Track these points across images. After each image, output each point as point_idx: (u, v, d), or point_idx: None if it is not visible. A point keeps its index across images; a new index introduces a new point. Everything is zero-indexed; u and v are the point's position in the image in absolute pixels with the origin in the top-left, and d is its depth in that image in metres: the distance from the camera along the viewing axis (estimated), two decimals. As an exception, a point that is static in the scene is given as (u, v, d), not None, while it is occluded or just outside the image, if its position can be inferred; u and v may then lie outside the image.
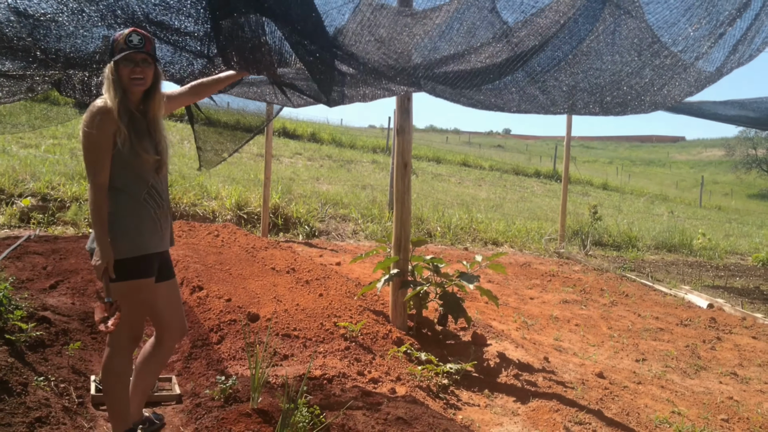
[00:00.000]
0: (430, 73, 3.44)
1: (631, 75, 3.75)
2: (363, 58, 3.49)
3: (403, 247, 5.89)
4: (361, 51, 3.46)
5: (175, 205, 12.02)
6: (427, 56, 3.52)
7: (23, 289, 5.97)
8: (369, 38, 3.39)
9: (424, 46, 3.47)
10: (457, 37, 3.43)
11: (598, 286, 9.79)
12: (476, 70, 3.56)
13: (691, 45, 3.46)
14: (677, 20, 3.42)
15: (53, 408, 3.93)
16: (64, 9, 3.29)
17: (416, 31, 3.47)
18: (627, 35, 3.56)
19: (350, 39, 3.42)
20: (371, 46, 3.45)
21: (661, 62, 3.64)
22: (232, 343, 5.15)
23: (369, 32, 3.37)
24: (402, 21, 3.37)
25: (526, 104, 3.95)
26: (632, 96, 3.86)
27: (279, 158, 22.41)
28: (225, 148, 7.71)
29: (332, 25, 3.45)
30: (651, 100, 3.90)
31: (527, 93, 3.87)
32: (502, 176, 32.83)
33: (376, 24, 3.35)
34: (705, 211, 32.70)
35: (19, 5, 3.35)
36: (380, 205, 15.01)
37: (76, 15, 3.34)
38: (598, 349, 6.59)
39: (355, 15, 3.39)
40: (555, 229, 14.48)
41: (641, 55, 3.60)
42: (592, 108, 3.94)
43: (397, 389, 4.55)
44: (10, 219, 10.36)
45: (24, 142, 16.56)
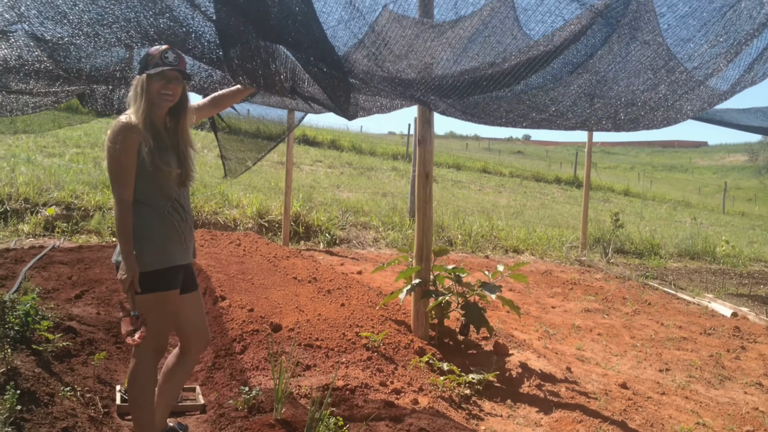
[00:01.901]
0: (446, 87, 3.45)
1: (645, 92, 3.75)
2: (379, 74, 3.51)
3: (425, 257, 5.89)
4: (378, 67, 3.47)
5: (196, 214, 12.11)
6: (446, 70, 3.53)
7: (49, 299, 6.05)
8: (386, 54, 3.41)
9: (446, 60, 3.48)
10: (478, 51, 3.43)
11: (620, 295, 9.73)
12: (489, 82, 3.56)
13: (706, 62, 3.46)
14: (692, 36, 3.42)
15: (79, 418, 3.97)
16: (80, 33, 3.34)
17: (435, 45, 3.49)
18: (643, 52, 3.55)
19: (364, 57, 3.44)
20: (388, 62, 3.47)
21: (676, 78, 3.64)
22: (254, 353, 5.18)
23: (385, 48, 3.38)
24: (422, 35, 3.39)
25: (539, 120, 3.95)
26: (645, 112, 3.86)
27: (299, 166, 22.50)
28: (248, 157, 7.78)
29: (346, 44, 3.47)
30: (663, 116, 3.90)
31: (541, 109, 3.87)
32: (523, 183, 32.73)
33: (393, 39, 3.36)
34: (728, 217, 32.38)
35: (36, 31, 3.41)
36: (401, 212, 15.02)
37: (92, 38, 3.39)
38: (621, 359, 6.54)
39: (368, 34, 3.41)
40: (576, 236, 14.40)
41: (657, 73, 3.60)
42: (604, 124, 3.94)
43: (419, 400, 4.55)
44: (35, 228, 10.49)
45: (48, 151, 16.77)
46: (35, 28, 3.34)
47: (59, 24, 3.28)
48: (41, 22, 3.26)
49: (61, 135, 19.43)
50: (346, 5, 3.27)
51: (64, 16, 3.18)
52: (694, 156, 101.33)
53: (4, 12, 3.26)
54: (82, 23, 3.23)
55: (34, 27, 3.34)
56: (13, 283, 6.48)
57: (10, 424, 3.48)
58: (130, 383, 3.57)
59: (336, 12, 3.30)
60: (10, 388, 3.65)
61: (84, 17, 3.19)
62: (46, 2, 3.12)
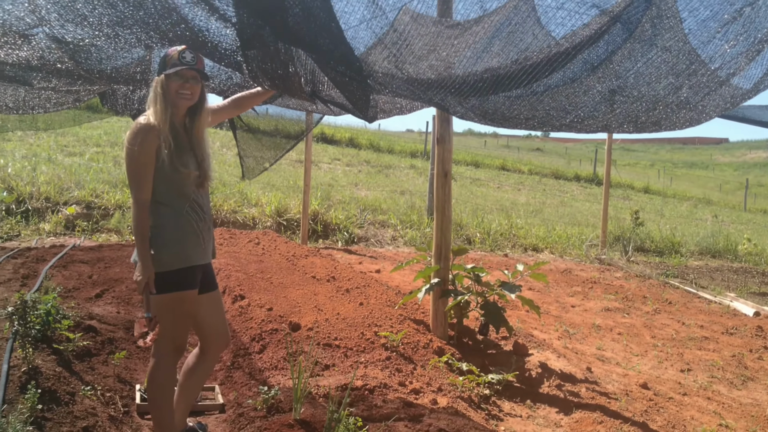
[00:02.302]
0: (465, 88, 3.42)
1: (668, 95, 3.70)
2: (399, 76, 3.49)
3: (443, 256, 5.87)
4: (396, 69, 3.45)
5: (215, 212, 12.15)
6: (466, 70, 3.50)
7: (70, 299, 6.09)
8: (406, 55, 3.39)
9: (466, 60, 3.46)
10: (498, 50, 3.40)
11: (640, 294, 9.65)
12: (508, 81, 3.52)
13: (727, 62, 3.41)
14: (712, 37, 3.37)
15: (99, 417, 3.99)
16: (100, 34, 3.35)
17: (455, 45, 3.46)
18: (664, 57, 3.51)
19: (384, 58, 3.42)
20: (407, 63, 3.45)
21: (698, 80, 3.59)
22: (273, 353, 5.19)
23: (406, 48, 3.36)
24: (442, 34, 3.37)
25: (559, 126, 3.91)
26: (667, 114, 3.82)
27: (318, 164, 22.53)
28: (266, 156, 7.78)
29: (366, 44, 3.46)
30: (686, 117, 3.85)
31: (561, 113, 3.83)
32: (542, 180, 32.57)
33: (413, 39, 3.35)
34: (750, 215, 32.03)
35: (57, 34, 3.43)
36: (419, 210, 15.00)
37: (112, 39, 3.41)
38: (642, 359, 6.49)
39: (387, 33, 3.39)
40: (596, 234, 14.31)
41: (679, 76, 3.55)
42: (626, 128, 3.89)
43: (438, 400, 4.53)
44: (56, 227, 10.58)
45: (69, 150, 16.90)
46: (56, 30, 3.36)
47: (79, 26, 3.29)
48: (62, 24, 3.28)
49: (81, 134, 19.58)
50: (369, 4, 3.24)
51: (84, 19, 3.19)
52: (715, 153, 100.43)
53: (25, 16, 3.28)
54: (102, 25, 3.24)
55: (54, 30, 3.35)
56: (35, 282, 6.54)
57: (31, 424, 3.51)
58: (150, 383, 3.59)
59: (358, 11, 3.28)
60: (31, 388, 3.68)
61: (104, 20, 3.20)
62: (65, 5, 3.13)
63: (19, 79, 4.64)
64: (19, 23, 3.35)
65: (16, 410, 3.53)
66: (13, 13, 3.25)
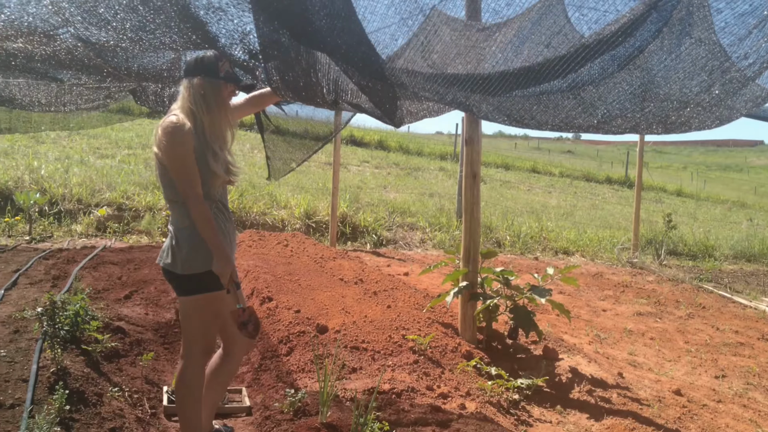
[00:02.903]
0: (490, 86, 3.35)
1: (699, 93, 3.61)
2: (420, 77, 3.44)
3: (472, 259, 5.81)
4: (419, 67, 3.41)
5: (245, 214, 12.20)
6: (491, 70, 3.44)
7: (99, 300, 6.12)
8: (429, 55, 3.34)
9: (491, 59, 3.40)
10: (526, 51, 3.34)
11: (673, 298, 9.49)
12: (535, 75, 3.45)
13: (761, 57, 3.30)
14: (749, 33, 3.27)
15: (127, 419, 3.99)
16: (124, 37, 3.36)
17: (481, 46, 3.41)
18: (697, 51, 3.41)
19: (411, 59, 3.38)
20: (429, 63, 3.40)
21: (731, 77, 3.49)
22: (301, 355, 5.16)
23: (429, 49, 3.31)
24: (471, 36, 3.32)
25: (586, 126, 3.83)
26: (697, 113, 3.72)
27: (347, 166, 22.54)
28: (293, 158, 7.77)
29: (388, 47, 3.42)
30: (716, 116, 3.76)
31: (589, 113, 3.75)
32: (573, 183, 32.29)
33: (437, 40, 3.30)
34: (786, 218, 31.47)
35: (82, 35, 3.44)
36: (448, 213, 14.92)
37: (136, 42, 3.41)
38: (675, 365, 6.37)
39: (417, 35, 3.34)
40: (628, 237, 14.13)
41: (711, 73, 3.46)
42: (655, 128, 3.81)
43: (466, 405, 4.47)
44: (88, 228, 10.69)
45: (101, 152, 17.08)
46: (80, 32, 3.37)
47: (103, 29, 3.30)
48: (86, 27, 3.29)
49: (113, 136, 19.79)
50: (389, 5, 3.20)
51: (108, 23, 3.20)
52: (750, 155, 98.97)
53: (50, 18, 3.29)
54: (125, 29, 3.25)
55: (79, 31, 3.36)
56: (65, 283, 6.59)
57: (58, 424, 3.51)
58: (178, 384, 3.58)
59: (380, 11, 3.24)
60: (59, 388, 3.69)
61: (126, 24, 3.20)
62: (88, 10, 3.13)
63: (51, 75, 4.68)
64: (45, 24, 3.37)
65: (44, 410, 3.53)
66: (37, 16, 3.27)
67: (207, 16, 3.15)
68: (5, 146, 15.37)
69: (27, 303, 5.58)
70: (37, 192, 10.81)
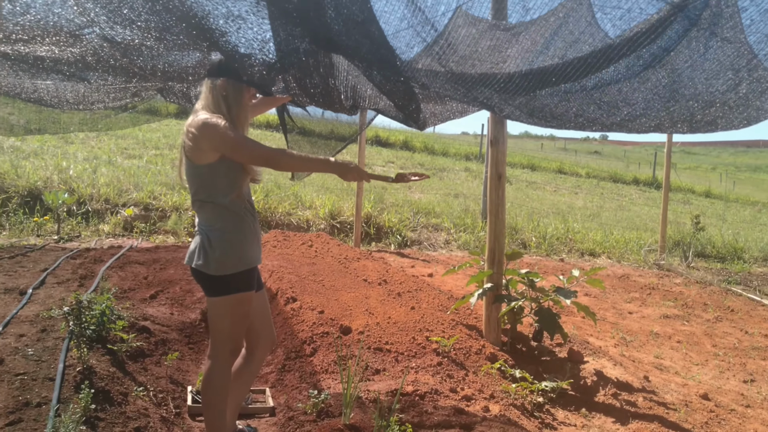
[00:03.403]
0: (512, 86, 3.33)
1: (726, 92, 3.54)
2: (441, 77, 3.42)
3: (497, 261, 5.78)
4: (440, 66, 3.39)
5: (270, 214, 12.24)
6: (514, 69, 3.41)
7: (125, 299, 6.17)
8: (450, 55, 3.32)
9: (514, 58, 3.38)
10: (551, 52, 3.31)
11: (701, 301, 9.37)
12: (558, 76, 3.41)
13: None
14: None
15: (152, 418, 4.01)
16: (149, 36, 3.39)
17: (503, 46, 3.39)
18: (723, 50, 3.35)
19: (428, 60, 3.36)
20: (452, 62, 3.38)
21: (759, 76, 3.42)
22: (324, 356, 5.17)
23: (450, 49, 3.29)
24: (495, 36, 3.30)
25: (609, 124, 3.78)
26: (723, 113, 3.66)
27: (371, 167, 22.54)
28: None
29: (410, 47, 3.40)
30: (743, 117, 3.69)
31: (612, 111, 3.70)
32: (599, 184, 32.01)
33: (459, 40, 3.28)
34: (818, 220, 30.96)
35: (107, 35, 3.48)
36: (473, 214, 14.86)
37: (161, 41, 3.44)
38: (702, 369, 6.28)
39: (441, 35, 3.33)
40: (655, 239, 13.98)
41: (738, 72, 3.40)
42: (680, 127, 3.74)
43: (490, 407, 4.44)
44: (115, 228, 10.79)
45: (128, 152, 17.24)
46: (106, 31, 3.40)
47: (128, 28, 3.33)
48: (111, 26, 3.32)
49: (140, 137, 19.98)
50: (409, 5, 3.19)
51: (132, 22, 3.23)
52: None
53: (75, 18, 3.33)
54: (150, 29, 3.27)
55: (105, 31, 3.40)
56: (92, 283, 6.65)
57: (84, 423, 3.55)
58: (204, 385, 3.60)
59: (398, 11, 3.22)
60: (85, 387, 3.72)
61: (151, 24, 3.23)
62: (112, 10, 3.16)
63: (77, 76, 4.73)
64: (70, 24, 3.41)
65: (70, 409, 3.56)
66: (63, 16, 3.31)
67: (227, 25, 3.17)
68: (35, 147, 15.57)
69: (54, 302, 5.64)
70: (66, 192, 10.93)
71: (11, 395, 3.72)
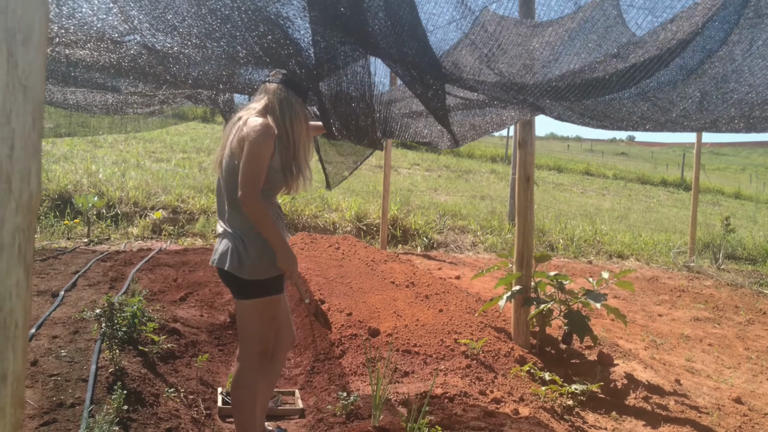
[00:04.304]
0: (562, 87, 3.29)
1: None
2: (490, 81, 3.40)
3: (525, 263, 5.75)
4: (489, 70, 3.37)
5: (297, 217, 12.29)
6: (549, 71, 3.39)
7: (155, 301, 6.23)
8: (498, 55, 3.30)
9: (546, 61, 3.35)
10: (581, 49, 3.28)
11: (732, 303, 9.25)
12: (600, 83, 3.37)
13: None
14: None
15: (182, 419, 4.05)
16: (188, 44, 3.43)
17: (536, 45, 3.36)
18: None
19: (475, 60, 3.34)
20: (501, 63, 3.36)
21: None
22: (353, 358, 5.17)
23: (498, 49, 3.27)
24: (523, 33, 3.27)
25: (663, 122, 3.70)
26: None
27: (397, 169, 22.56)
28: (346, 163, 7.80)
29: (455, 47, 3.39)
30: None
31: (666, 108, 3.62)
32: (627, 185, 31.75)
33: (505, 40, 3.25)
34: None
35: (148, 42, 3.53)
36: (500, 216, 14.81)
37: (200, 49, 3.48)
38: (735, 372, 6.20)
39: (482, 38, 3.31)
40: (684, 241, 13.83)
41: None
42: (736, 123, 3.61)
43: (520, 410, 4.42)
44: (143, 231, 10.89)
45: (156, 156, 17.41)
46: (147, 39, 3.45)
47: (169, 35, 3.36)
48: (152, 34, 3.36)
49: (168, 140, 20.16)
50: (458, 5, 3.17)
51: (174, 29, 3.26)
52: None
53: (118, 25, 3.38)
54: (191, 35, 3.31)
55: (146, 38, 3.44)
56: (122, 285, 6.72)
57: (117, 424, 3.58)
58: (234, 386, 3.62)
59: (447, 12, 3.21)
60: (117, 388, 3.76)
61: (193, 30, 3.27)
62: (157, 16, 3.20)
63: (109, 86, 4.79)
64: (113, 31, 3.46)
65: (103, 410, 3.60)
66: (107, 21, 3.36)
67: (278, 22, 3.19)
68: (65, 151, 15.77)
69: (86, 304, 5.71)
70: (95, 195, 11.06)
71: (45, 396, 3.77)
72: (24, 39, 1.03)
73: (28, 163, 1.06)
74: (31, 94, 1.05)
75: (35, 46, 1.05)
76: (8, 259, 1.03)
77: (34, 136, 1.06)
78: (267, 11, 3.07)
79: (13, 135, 1.03)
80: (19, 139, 1.03)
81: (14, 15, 1.02)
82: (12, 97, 1.02)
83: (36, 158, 1.07)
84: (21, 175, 1.04)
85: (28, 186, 1.06)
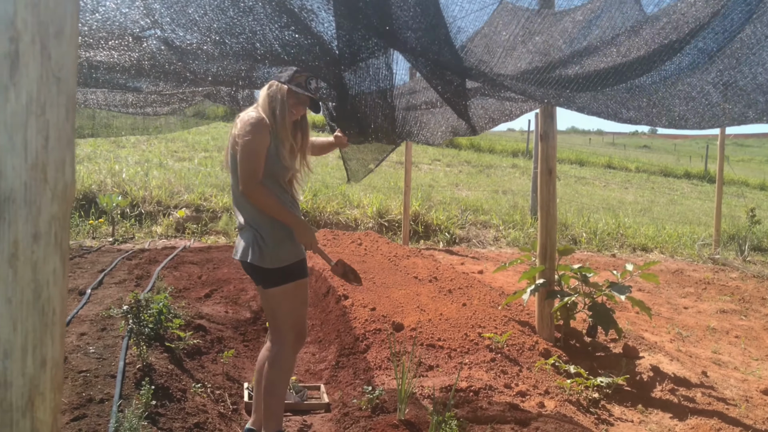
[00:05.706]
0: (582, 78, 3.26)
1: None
2: (511, 74, 3.38)
3: (548, 256, 5.73)
4: (509, 66, 3.36)
5: (318, 214, 12.32)
6: (566, 59, 3.36)
7: (180, 298, 6.28)
8: (521, 49, 3.29)
9: (563, 49, 3.32)
10: (599, 36, 3.25)
11: (758, 295, 9.15)
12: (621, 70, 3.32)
13: None
14: None
15: (210, 414, 4.08)
16: (208, 40, 3.48)
17: (555, 33, 3.33)
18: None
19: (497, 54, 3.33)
20: (521, 60, 3.35)
21: None
22: (377, 353, 5.19)
23: (521, 42, 3.26)
24: (542, 23, 3.25)
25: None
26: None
27: (418, 165, 22.53)
28: (368, 159, 7.82)
29: (471, 39, 3.38)
30: None
31: (680, 99, 3.55)
32: (650, 178, 31.47)
33: (531, 31, 3.24)
34: None
35: (168, 37, 3.57)
36: (522, 210, 14.75)
37: (219, 45, 3.52)
38: (762, 364, 6.14)
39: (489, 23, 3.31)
40: (708, 233, 13.70)
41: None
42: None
43: (545, 403, 4.42)
44: (167, 229, 10.97)
45: (179, 155, 17.52)
46: (167, 34, 3.49)
47: (189, 31, 3.40)
48: (173, 29, 3.40)
49: (190, 140, 20.27)
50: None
51: (195, 24, 3.30)
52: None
53: (140, 19, 3.42)
54: (211, 31, 3.34)
55: (166, 33, 3.49)
56: (148, 282, 6.78)
57: (145, 419, 3.62)
58: (270, 367, 3.70)
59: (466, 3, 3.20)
60: (145, 384, 3.80)
61: (213, 26, 3.30)
62: (178, 10, 3.24)
63: (130, 85, 4.83)
64: (134, 26, 3.50)
65: (132, 405, 3.65)
66: (129, 16, 3.40)
67: (301, 14, 3.22)
68: (88, 151, 15.91)
69: (112, 302, 5.77)
70: (119, 195, 11.16)
71: (75, 391, 3.82)
72: (56, 32, 1.05)
73: (63, 153, 1.08)
74: (64, 86, 1.07)
75: (67, 39, 1.07)
76: (45, 247, 1.05)
77: (67, 127, 1.08)
78: (291, 3, 3.09)
79: (48, 126, 1.05)
80: (53, 129, 1.05)
81: (46, 8, 1.04)
82: (46, 89, 1.04)
83: (70, 149, 1.09)
84: (56, 165, 1.06)
85: (63, 176, 1.08)
